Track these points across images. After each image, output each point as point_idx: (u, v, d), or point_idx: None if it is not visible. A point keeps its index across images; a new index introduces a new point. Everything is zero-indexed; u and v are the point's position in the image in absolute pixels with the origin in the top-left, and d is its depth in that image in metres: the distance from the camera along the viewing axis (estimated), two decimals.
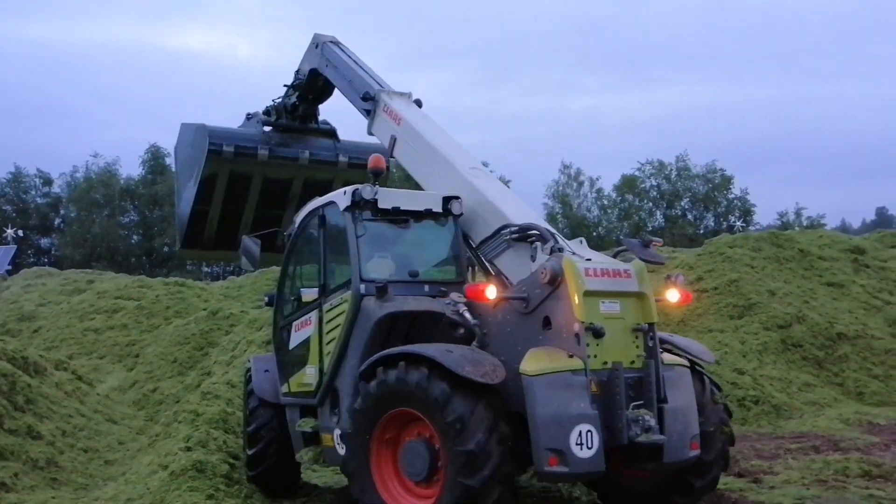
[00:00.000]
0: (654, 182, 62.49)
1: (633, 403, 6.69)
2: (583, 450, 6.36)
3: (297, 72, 11.32)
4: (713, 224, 59.90)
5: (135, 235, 61.47)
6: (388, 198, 8.02)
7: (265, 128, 11.69)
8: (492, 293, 7.07)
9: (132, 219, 61.62)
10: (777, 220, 61.57)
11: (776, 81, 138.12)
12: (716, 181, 60.86)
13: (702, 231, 57.29)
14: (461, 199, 8.23)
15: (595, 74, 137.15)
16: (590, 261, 7.08)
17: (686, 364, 7.33)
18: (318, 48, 10.86)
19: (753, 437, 11.75)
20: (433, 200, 8.26)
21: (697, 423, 7.10)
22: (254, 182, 11.65)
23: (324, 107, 11.93)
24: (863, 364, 15.89)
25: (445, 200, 8.24)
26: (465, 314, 7.40)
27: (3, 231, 53.38)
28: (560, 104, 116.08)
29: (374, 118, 9.65)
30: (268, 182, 11.69)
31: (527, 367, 6.56)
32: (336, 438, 7.90)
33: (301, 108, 11.59)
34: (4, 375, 11.15)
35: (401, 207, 8.08)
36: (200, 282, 26.77)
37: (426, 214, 8.21)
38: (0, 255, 39.94)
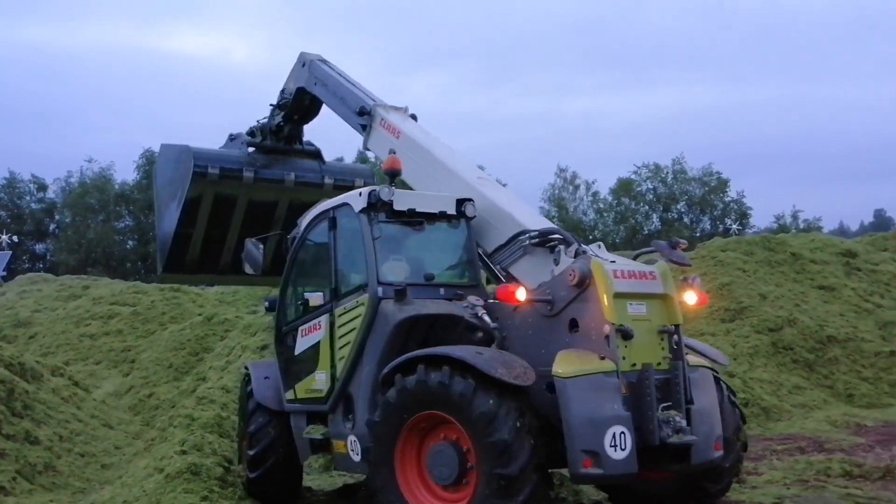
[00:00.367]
0: (651, 185, 62.65)
1: (662, 405, 6.70)
2: (617, 451, 6.36)
3: (283, 91, 11.21)
4: (709, 227, 59.99)
5: (130, 241, 61.41)
6: (404, 199, 7.95)
7: (249, 149, 11.54)
8: (522, 295, 7.06)
9: (127, 224, 61.56)
10: (774, 223, 61.76)
11: (775, 83, 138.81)
12: (712, 184, 61.03)
13: (698, 234, 57.40)
14: (474, 202, 8.21)
15: (593, 75, 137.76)
16: (614, 263, 7.10)
17: (708, 366, 7.37)
18: (305, 66, 10.78)
19: None
20: (447, 202, 8.20)
21: (720, 425, 7.15)
22: (238, 204, 11.50)
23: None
24: (853, 367, 16.07)
25: (459, 203, 8.20)
26: (484, 317, 7.43)
27: None
28: (558, 106, 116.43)
29: (371, 132, 9.62)
30: (252, 204, 11.55)
31: (560, 370, 6.53)
32: (350, 444, 7.83)
33: (286, 129, 11.46)
34: (2, 382, 11.24)
35: (416, 209, 8.01)
36: (195, 287, 26.84)
37: (439, 217, 8.15)
38: None
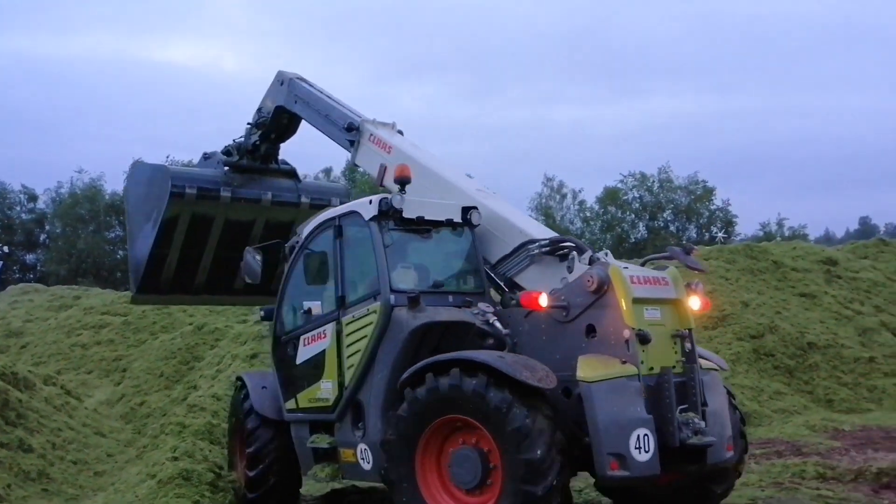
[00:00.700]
0: (637, 194, 63.02)
1: (680, 407, 6.86)
2: (641, 453, 6.47)
3: (260, 110, 11.12)
4: (695, 235, 60.31)
5: (120, 251, 61.20)
6: (413, 207, 7.98)
7: (225, 168, 11.45)
8: (544, 301, 7.12)
9: (118, 234, 61.36)
10: (760, 231, 62.19)
11: (761, 91, 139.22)
12: (697, 193, 61.44)
13: (684, 242, 57.68)
14: (479, 210, 8.31)
15: (581, 84, 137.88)
16: (628, 269, 7.23)
17: (717, 368, 7.58)
18: (284, 85, 10.73)
19: None
20: (453, 210, 8.28)
21: (730, 426, 7.34)
22: (215, 224, 11.39)
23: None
24: (832, 372, 16.40)
25: (464, 210, 8.29)
26: (496, 324, 7.52)
27: None
28: (546, 115, 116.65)
29: (359, 148, 9.69)
30: (228, 224, 11.46)
31: (585, 374, 6.64)
32: (359, 452, 7.85)
33: (263, 148, 11.38)
34: None
35: (425, 217, 8.08)
36: None
37: (445, 225, 8.24)
38: None
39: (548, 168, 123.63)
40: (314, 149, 10.16)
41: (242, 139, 11.43)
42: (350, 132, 9.74)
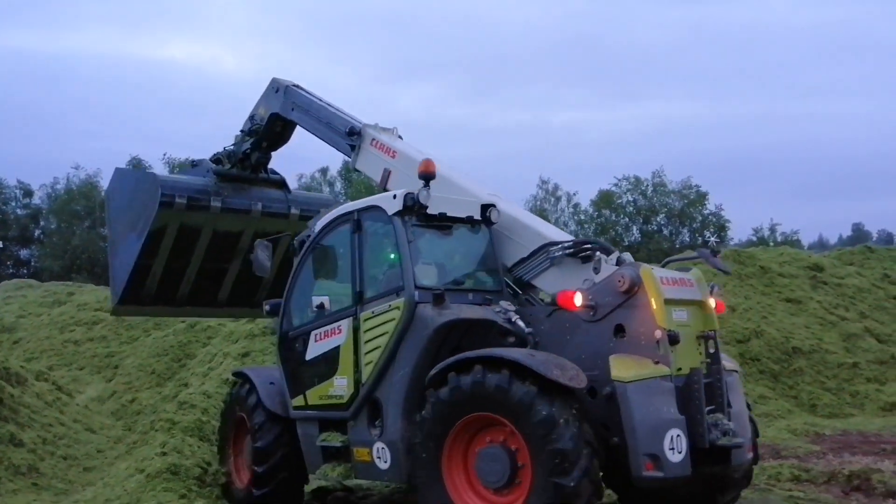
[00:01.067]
0: (631, 198, 63.21)
1: (707, 408, 6.85)
2: (674, 454, 6.45)
3: (252, 117, 10.90)
4: (689, 239, 60.52)
5: None
6: (436, 203, 7.85)
7: (214, 176, 11.16)
8: (580, 300, 7.11)
9: None
10: (752, 236, 62.44)
11: (756, 97, 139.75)
12: (691, 197, 61.65)
13: (677, 246, 57.92)
14: (497, 207, 8.23)
15: (579, 88, 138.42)
16: (655, 269, 7.20)
17: (737, 370, 7.58)
18: (279, 92, 10.58)
19: None
20: (473, 207, 8.19)
21: (750, 428, 7.36)
22: (203, 234, 11.10)
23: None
24: (816, 377, 16.58)
25: (484, 208, 8.21)
26: (518, 322, 7.47)
27: None
28: (544, 118, 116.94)
29: (360, 153, 9.63)
30: (216, 234, 11.19)
31: (620, 374, 6.61)
32: (376, 452, 7.67)
33: (254, 156, 11.13)
34: None
35: (447, 213, 7.99)
36: None
37: (465, 221, 8.15)
38: None
39: (543, 171, 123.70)
40: (306, 153, 10.20)
41: (233, 147, 11.21)
42: (351, 136, 9.70)
